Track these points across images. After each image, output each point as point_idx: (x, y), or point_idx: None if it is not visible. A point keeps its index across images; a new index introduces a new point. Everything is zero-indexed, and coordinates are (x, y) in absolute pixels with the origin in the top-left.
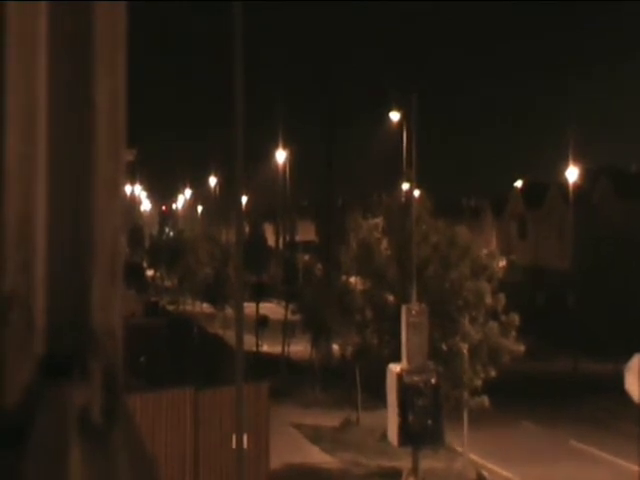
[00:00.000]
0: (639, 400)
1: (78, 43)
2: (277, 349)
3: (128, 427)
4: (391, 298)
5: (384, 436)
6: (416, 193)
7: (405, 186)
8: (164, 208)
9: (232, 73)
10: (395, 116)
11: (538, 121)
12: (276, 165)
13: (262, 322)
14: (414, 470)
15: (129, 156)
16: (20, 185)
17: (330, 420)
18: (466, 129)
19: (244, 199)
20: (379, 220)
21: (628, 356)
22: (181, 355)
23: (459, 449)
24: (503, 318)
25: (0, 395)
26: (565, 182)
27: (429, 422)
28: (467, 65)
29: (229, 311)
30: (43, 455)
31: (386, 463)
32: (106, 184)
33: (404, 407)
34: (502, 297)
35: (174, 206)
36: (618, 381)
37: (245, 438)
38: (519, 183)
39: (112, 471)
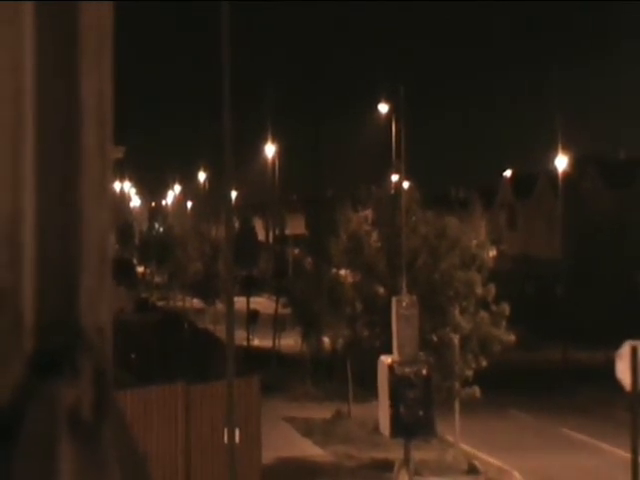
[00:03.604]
0: (630, 387)
1: (64, 41)
2: (268, 343)
3: (118, 423)
4: (381, 290)
5: (376, 428)
6: (405, 185)
7: (394, 178)
8: (153, 204)
9: (221, 69)
10: (384, 108)
11: (526, 110)
12: (266, 159)
13: (253, 316)
14: (406, 461)
15: (118, 153)
16: (7, 184)
17: (322, 413)
18: (454, 121)
19: (234, 194)
20: (368, 212)
21: (618, 344)
22: (172, 351)
23: (451, 439)
24: (493, 308)
25: None
26: (554, 171)
27: (421, 413)
28: (455, 57)
29: (219, 306)
30: (33, 453)
31: (378, 455)
32: (93, 181)
33: (395, 399)
34: (492, 287)
35: (164, 202)
36: (608, 369)
37: (237, 432)
38: (508, 173)
39: (103, 467)
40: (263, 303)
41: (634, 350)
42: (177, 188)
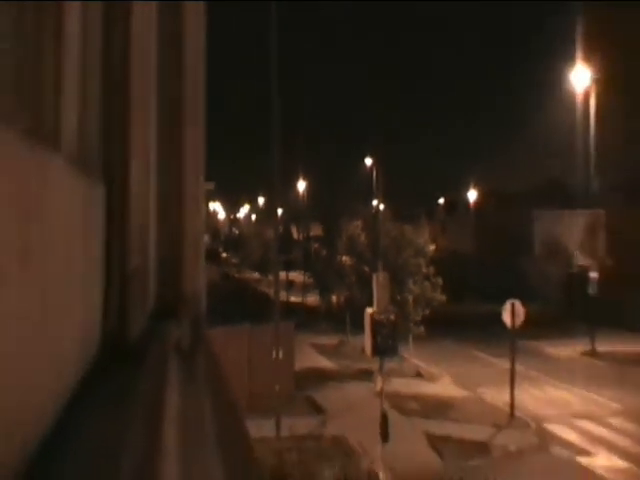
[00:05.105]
0: (510, 326)
1: (172, 104)
2: (299, 300)
3: (207, 351)
4: (367, 269)
5: (363, 350)
6: (381, 206)
7: (375, 202)
8: (232, 217)
9: (271, 123)
10: (368, 161)
11: (458, 149)
12: (298, 190)
13: (290, 284)
14: (380, 369)
15: (210, 187)
16: (138, 202)
17: (332, 341)
18: (410, 158)
19: (280, 211)
20: (359, 222)
21: (504, 301)
22: (242, 304)
23: (406, 357)
24: (433, 280)
25: (128, 332)
26: (467, 199)
27: (390, 342)
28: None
29: (270, 277)
30: (153, 369)
31: (364, 366)
32: (192, 203)
33: (375, 333)
34: (432, 268)
35: (238, 215)
36: (499, 316)
37: (280, 352)
38: (441, 200)
39: (196, 379)
40: (296, 276)
41: (512, 305)
42: (246, 207)
